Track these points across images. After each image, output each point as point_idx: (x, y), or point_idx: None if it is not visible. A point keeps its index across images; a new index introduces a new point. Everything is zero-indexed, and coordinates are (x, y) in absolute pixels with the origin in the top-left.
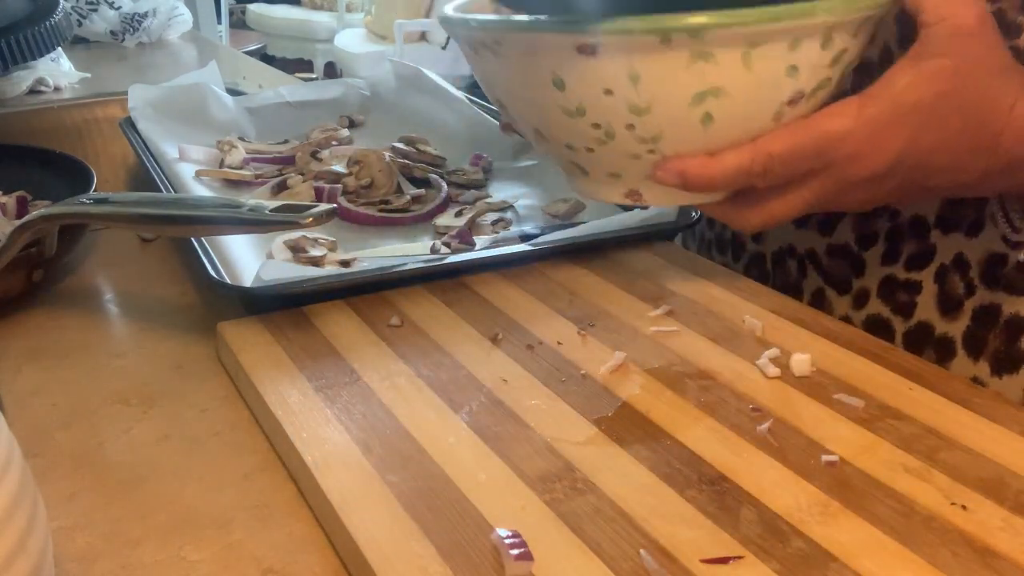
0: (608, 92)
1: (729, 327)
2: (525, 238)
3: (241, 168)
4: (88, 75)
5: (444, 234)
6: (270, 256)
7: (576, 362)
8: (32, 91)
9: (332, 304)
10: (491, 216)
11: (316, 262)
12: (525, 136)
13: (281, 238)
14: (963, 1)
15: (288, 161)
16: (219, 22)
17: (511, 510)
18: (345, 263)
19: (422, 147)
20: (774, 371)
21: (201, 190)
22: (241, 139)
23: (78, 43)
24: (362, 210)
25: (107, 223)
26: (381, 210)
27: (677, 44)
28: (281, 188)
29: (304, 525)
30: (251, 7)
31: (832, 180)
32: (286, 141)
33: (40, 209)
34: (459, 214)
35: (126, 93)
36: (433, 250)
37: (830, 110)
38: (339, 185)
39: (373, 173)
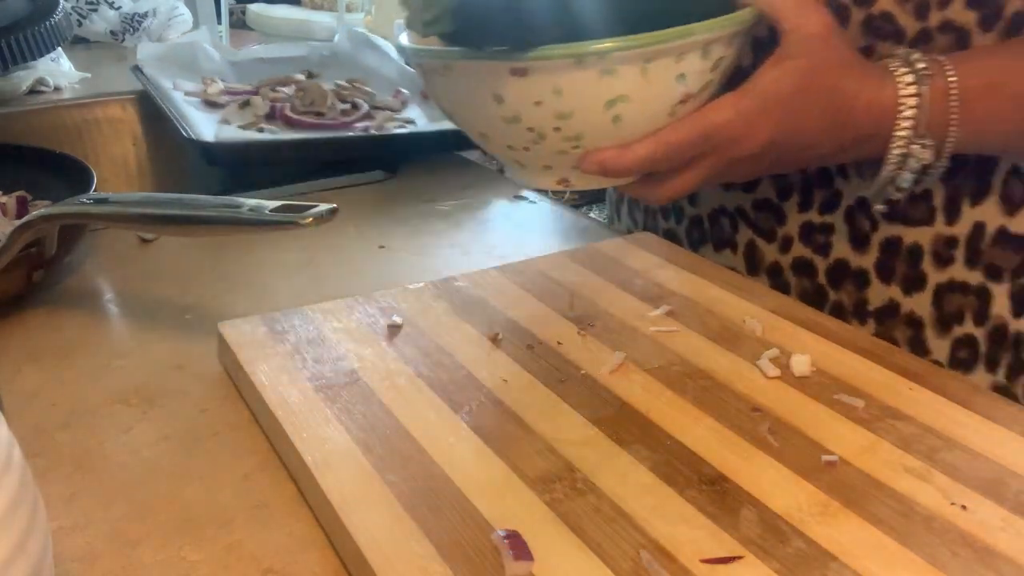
0: (538, 103)
1: (729, 327)
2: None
3: (219, 96)
4: (88, 75)
5: None
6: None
7: (576, 362)
8: (32, 91)
9: (332, 304)
10: (395, 125)
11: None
12: (471, 137)
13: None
14: (814, 11)
15: (254, 94)
16: (219, 22)
17: (511, 510)
18: None
19: (357, 84)
20: (774, 371)
21: (190, 108)
22: (223, 81)
23: (78, 43)
24: (303, 118)
25: (107, 223)
26: (316, 117)
27: (588, 64)
28: (245, 104)
29: (304, 525)
30: (251, 7)
31: (719, 159)
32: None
33: (40, 209)
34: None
35: (126, 93)
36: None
37: (714, 104)
38: (288, 103)
39: (314, 96)
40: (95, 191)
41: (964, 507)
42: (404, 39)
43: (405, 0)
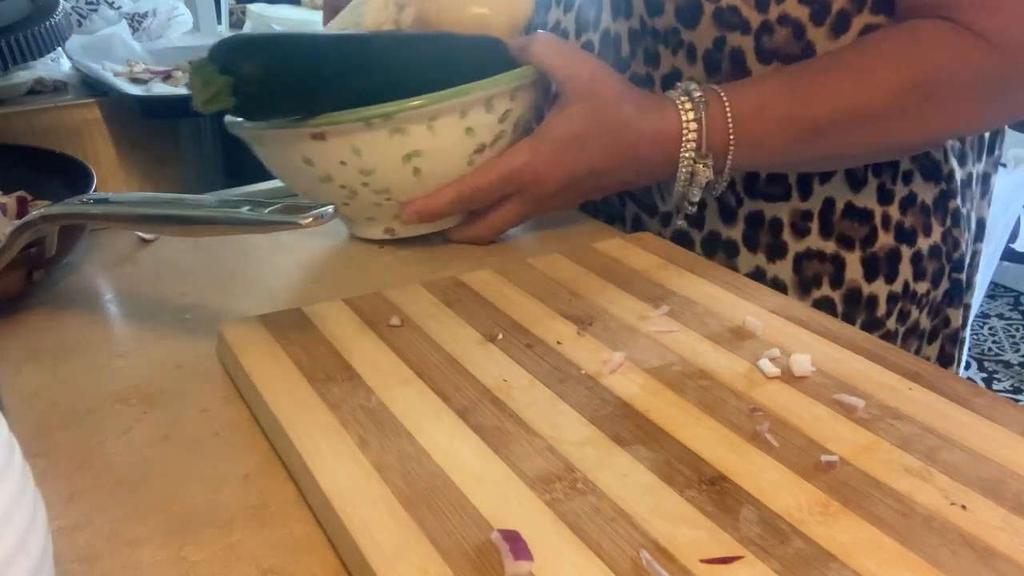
0: (342, 163)
1: (729, 327)
2: None
3: (144, 74)
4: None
5: None
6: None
7: (576, 362)
8: (32, 91)
9: (332, 304)
10: None
11: None
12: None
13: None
14: (581, 61)
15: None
16: (219, 22)
17: (511, 510)
18: None
19: None
20: (774, 371)
21: (120, 81)
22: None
23: None
24: None
25: (107, 223)
26: None
27: (377, 125)
28: (167, 77)
29: (304, 525)
30: (251, 7)
31: (529, 196)
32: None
33: (40, 209)
34: None
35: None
36: None
37: (512, 150)
38: None
39: None
40: (95, 191)
41: (964, 507)
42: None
43: (188, 83)
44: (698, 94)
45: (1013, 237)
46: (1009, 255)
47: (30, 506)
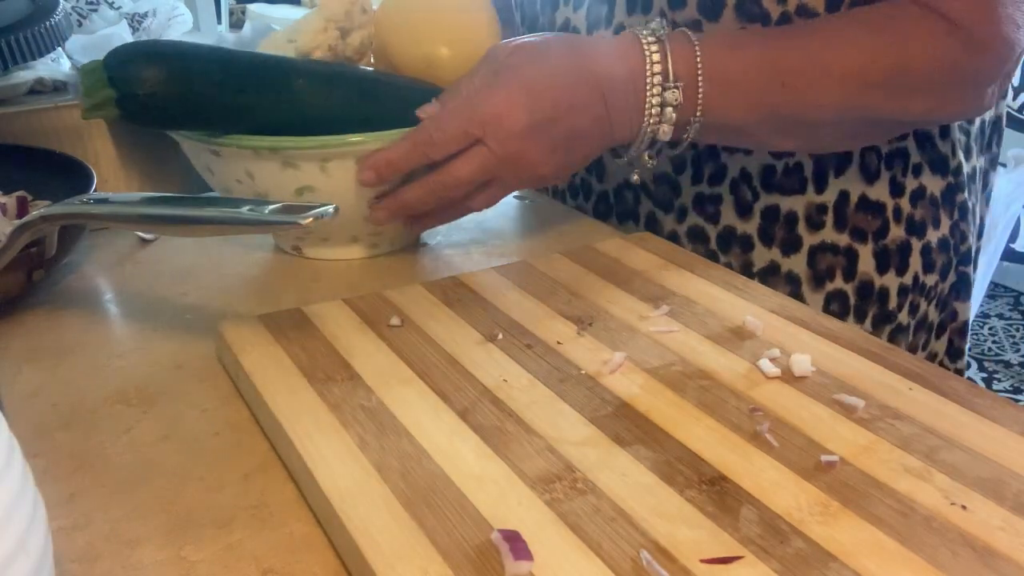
0: (239, 181)
1: (729, 327)
2: None
3: None
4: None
5: None
6: None
7: (576, 362)
8: (32, 91)
9: (332, 304)
10: None
11: None
12: None
13: None
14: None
15: None
16: (219, 22)
17: (511, 510)
18: None
19: None
20: (774, 371)
21: None
22: None
23: None
24: None
25: (107, 223)
26: None
27: (267, 156)
28: None
29: (304, 525)
30: (251, 7)
31: (494, 138)
32: None
33: (40, 209)
34: None
35: None
36: None
37: (465, 82)
38: None
39: None
40: (95, 191)
41: (964, 507)
42: None
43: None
44: (655, 26)
45: (1013, 237)
46: (1009, 255)
47: (30, 506)
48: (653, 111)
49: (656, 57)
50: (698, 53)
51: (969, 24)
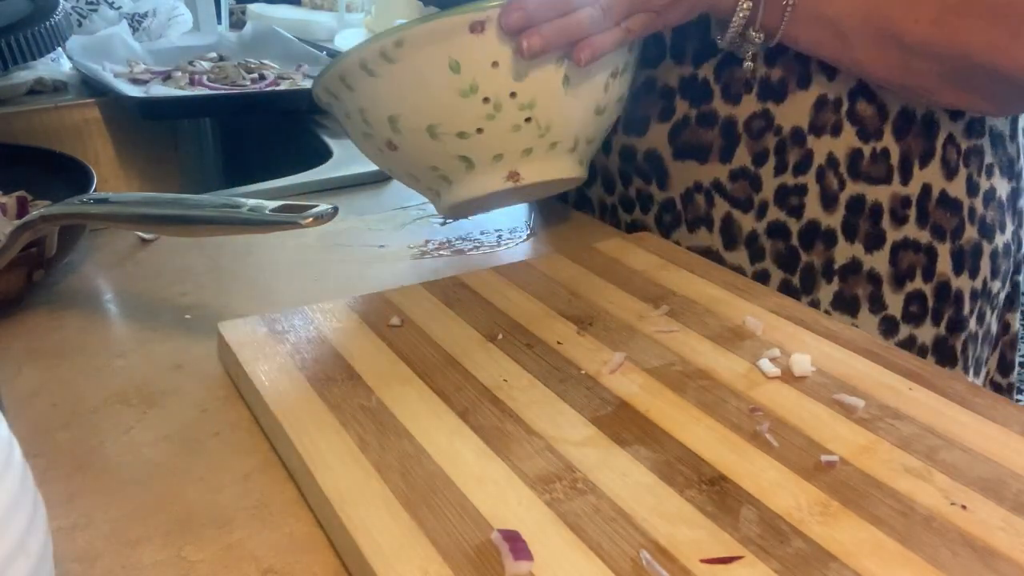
0: (495, 64)
1: (729, 327)
2: None
3: (144, 74)
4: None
5: None
6: None
7: (576, 362)
8: (32, 91)
9: (332, 304)
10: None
11: None
12: (407, 155)
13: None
14: None
15: (174, 71)
16: (219, 22)
17: (511, 510)
18: None
19: (264, 62)
20: (774, 371)
21: (120, 82)
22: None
23: None
24: (219, 86)
25: (107, 223)
26: (230, 86)
27: None
28: (167, 79)
29: (304, 525)
30: (251, 7)
31: None
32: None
33: (40, 209)
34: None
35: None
36: None
37: None
38: (204, 76)
39: (228, 71)
40: (95, 191)
41: (964, 507)
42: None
43: None
44: None
45: None
46: None
47: (30, 506)
48: None
49: None
50: None
51: None
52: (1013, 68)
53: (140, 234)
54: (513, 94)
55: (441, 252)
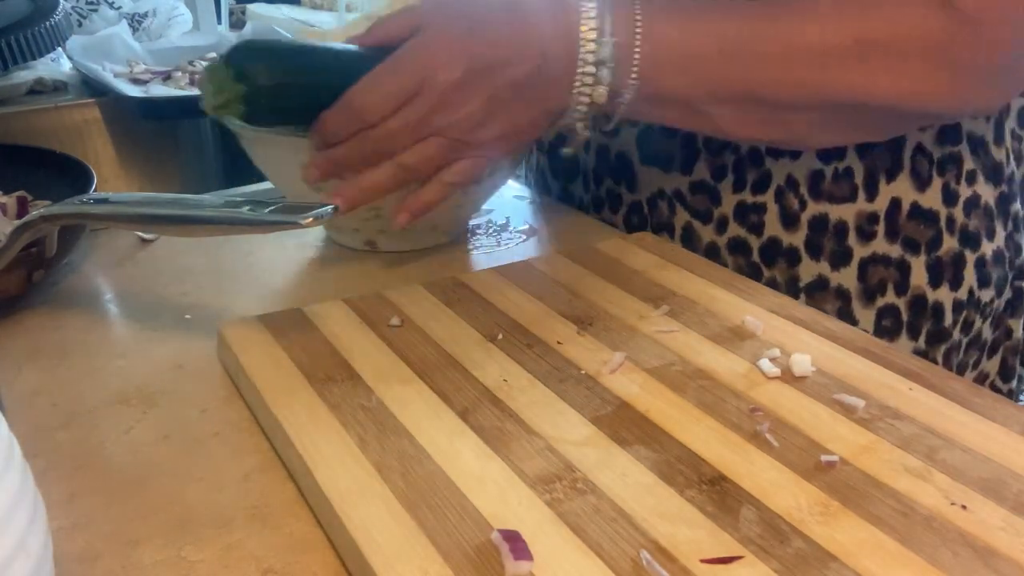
0: None
1: (729, 327)
2: None
3: (144, 75)
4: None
5: None
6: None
7: (576, 362)
8: (32, 91)
9: (332, 304)
10: None
11: None
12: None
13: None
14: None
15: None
16: (219, 22)
17: (511, 510)
18: None
19: None
20: (774, 371)
21: (120, 82)
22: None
23: None
24: None
25: (107, 223)
26: None
27: None
28: (167, 79)
29: (304, 525)
30: (251, 7)
31: (431, 90)
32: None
33: (40, 209)
34: None
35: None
36: None
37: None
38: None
39: None
40: (95, 191)
41: (964, 507)
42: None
43: (199, 83)
44: None
45: None
46: None
47: (30, 506)
48: (588, 68)
49: (592, 13)
50: (638, 12)
51: (973, 10)
52: (896, 103)
53: (140, 234)
54: None
55: (441, 252)
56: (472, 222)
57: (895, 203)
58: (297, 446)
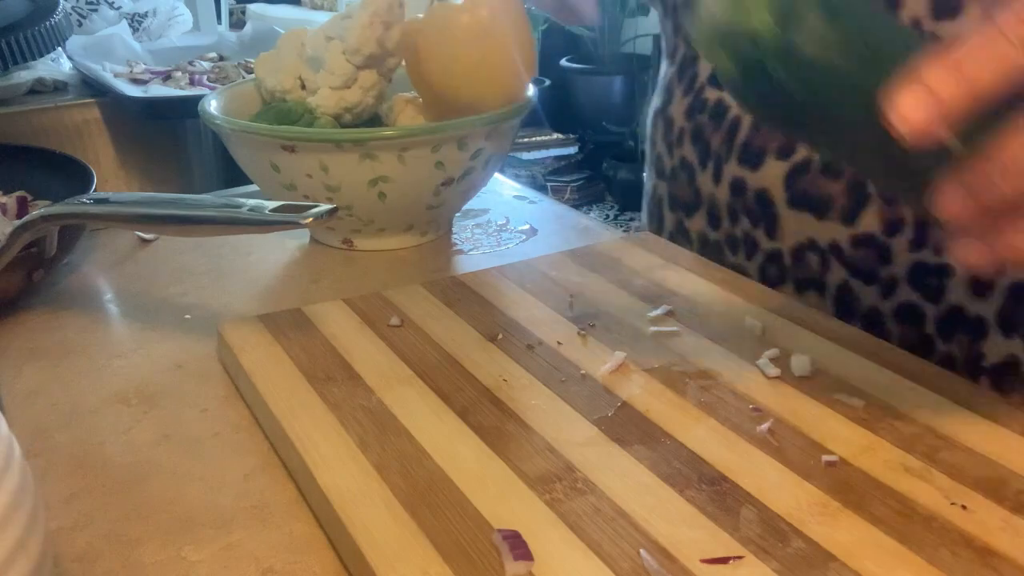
0: (308, 176)
1: (729, 327)
2: None
3: (144, 75)
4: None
5: None
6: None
7: (576, 362)
8: (32, 91)
9: (332, 304)
10: None
11: None
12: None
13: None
14: None
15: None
16: (219, 22)
17: (511, 510)
18: None
19: None
20: (774, 371)
21: (120, 82)
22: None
23: None
24: (217, 86)
25: (107, 223)
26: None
27: (348, 148)
28: (167, 79)
29: (304, 525)
30: (251, 7)
31: None
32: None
33: (40, 209)
34: None
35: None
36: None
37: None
38: (204, 76)
39: (228, 71)
40: (95, 191)
41: (964, 507)
42: (212, 108)
43: None
44: None
45: None
46: None
47: (30, 506)
48: None
49: None
50: None
51: None
52: None
53: (140, 234)
54: (330, 198)
55: (441, 252)
56: (472, 222)
57: None
58: (297, 446)
